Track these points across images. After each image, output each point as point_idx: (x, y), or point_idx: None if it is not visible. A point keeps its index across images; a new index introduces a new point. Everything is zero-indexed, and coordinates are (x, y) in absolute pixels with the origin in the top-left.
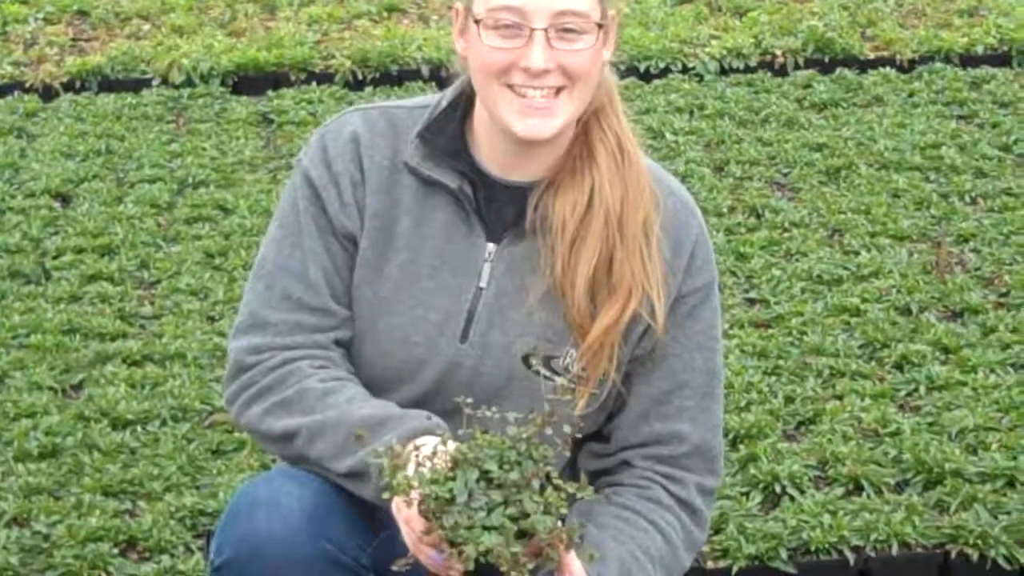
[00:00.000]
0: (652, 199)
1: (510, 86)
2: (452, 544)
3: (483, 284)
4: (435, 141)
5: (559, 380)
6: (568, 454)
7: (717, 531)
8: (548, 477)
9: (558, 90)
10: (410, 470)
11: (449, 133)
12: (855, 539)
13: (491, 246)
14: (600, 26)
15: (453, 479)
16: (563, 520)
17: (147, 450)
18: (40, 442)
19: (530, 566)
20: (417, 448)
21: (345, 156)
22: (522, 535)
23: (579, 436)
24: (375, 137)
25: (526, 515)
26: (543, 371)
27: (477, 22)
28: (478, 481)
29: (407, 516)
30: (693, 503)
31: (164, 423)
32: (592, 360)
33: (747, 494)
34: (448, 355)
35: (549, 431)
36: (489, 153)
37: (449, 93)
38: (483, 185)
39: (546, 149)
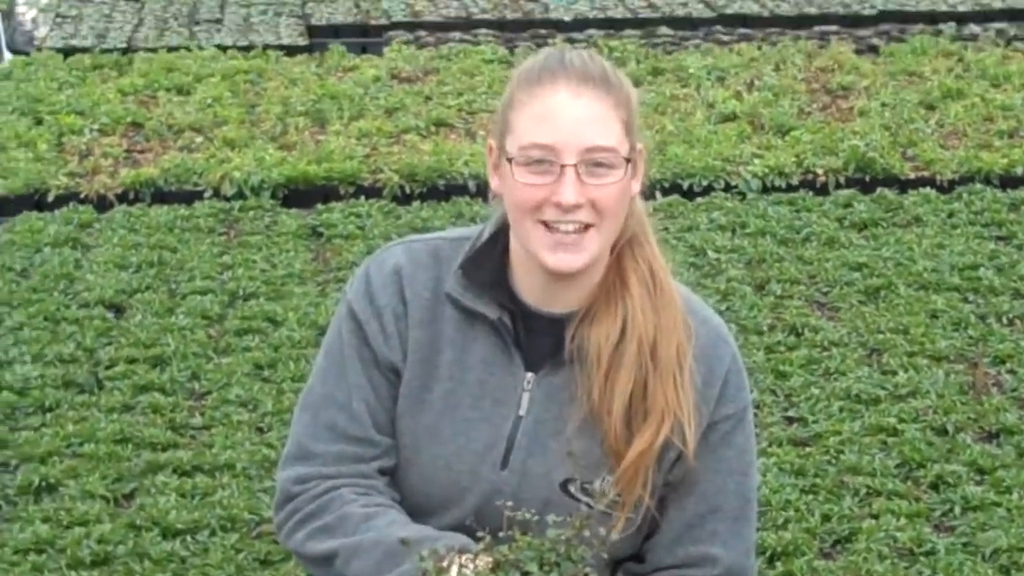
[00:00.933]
0: (685, 328)
1: (543, 222)
2: None
3: (522, 413)
4: (476, 273)
5: (597, 506)
6: (605, 556)
7: None
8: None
9: (587, 226)
10: (453, 572)
11: (490, 265)
12: None
13: (530, 375)
14: (628, 160)
15: None
16: None
17: (197, 559)
18: (93, 550)
19: None
20: (460, 554)
21: (388, 289)
22: None
23: (615, 558)
24: (417, 269)
25: None
26: (581, 497)
27: (510, 160)
28: None
29: None
30: None
31: (213, 533)
32: (627, 485)
33: None
34: (489, 482)
35: (587, 533)
36: (526, 285)
37: (490, 226)
38: (522, 316)
39: (580, 281)
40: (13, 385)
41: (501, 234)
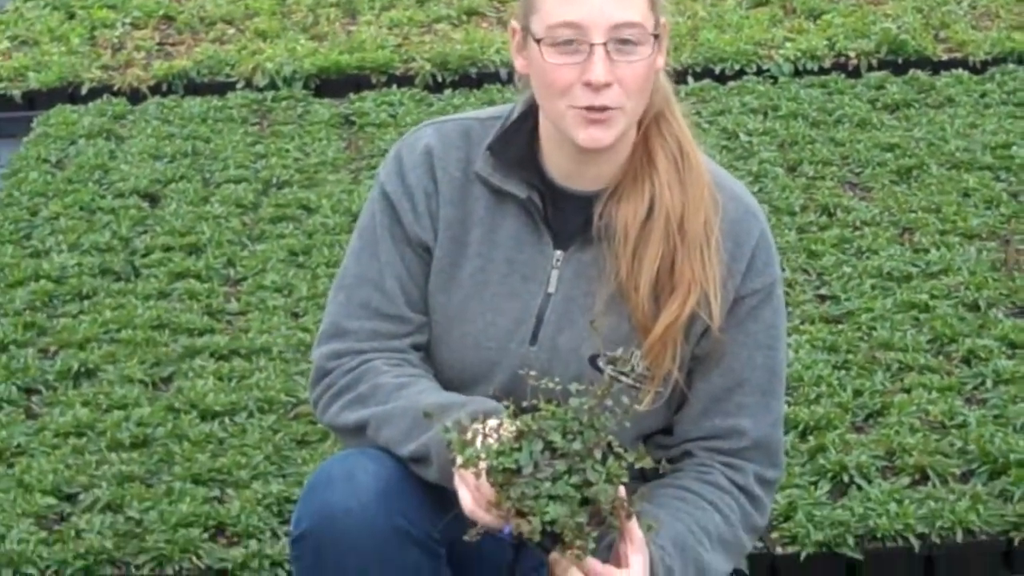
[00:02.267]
0: (713, 202)
1: (572, 106)
2: (519, 514)
3: (551, 290)
4: (505, 153)
5: (626, 379)
6: (628, 424)
7: (787, 518)
8: (610, 446)
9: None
10: (477, 443)
11: (518, 145)
12: (921, 527)
13: (559, 253)
14: (655, 36)
15: (519, 450)
16: (624, 489)
17: (235, 440)
18: (132, 432)
19: (594, 534)
20: (484, 422)
21: (419, 169)
22: (584, 503)
23: (645, 432)
24: (448, 149)
25: (589, 484)
26: (610, 371)
27: (537, 40)
28: (542, 452)
29: (477, 486)
30: (752, 490)
31: (251, 414)
32: (656, 359)
33: (816, 483)
34: (518, 358)
35: (610, 402)
36: (555, 163)
37: (519, 105)
38: (551, 194)
39: (608, 157)
40: (51, 274)
41: (530, 113)
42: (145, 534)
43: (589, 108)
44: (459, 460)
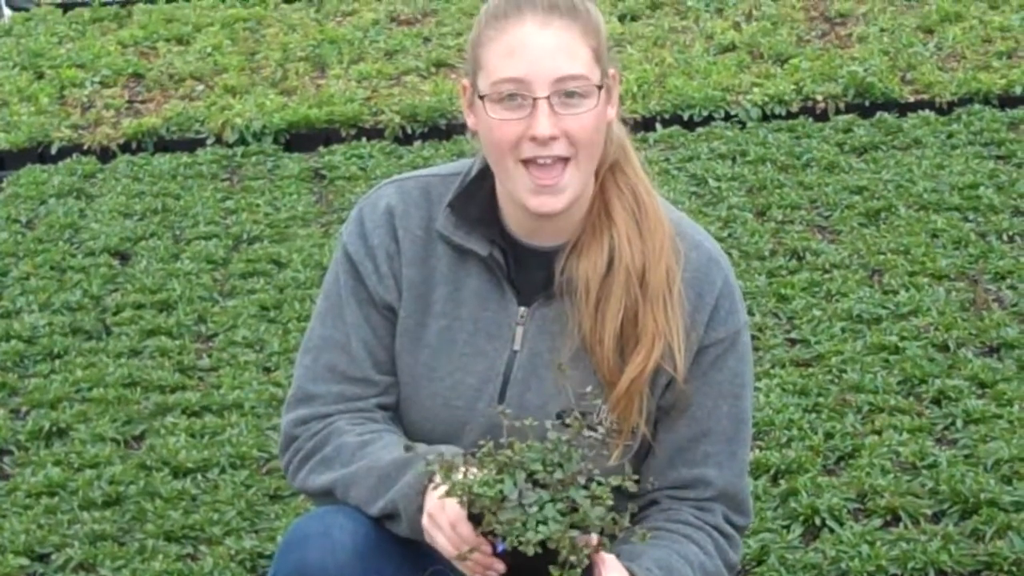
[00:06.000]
0: (674, 252)
1: (523, 162)
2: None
3: (517, 347)
4: (465, 210)
5: (594, 435)
6: (607, 452)
7: (759, 562)
8: (590, 475)
9: (565, 161)
10: (461, 473)
11: (478, 201)
12: (893, 568)
13: (523, 309)
14: (600, 87)
15: (501, 481)
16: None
17: (207, 496)
18: (104, 491)
19: (587, 551)
20: (465, 458)
21: (381, 230)
22: (573, 527)
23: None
24: (409, 208)
25: (575, 509)
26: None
27: (482, 97)
28: (525, 482)
29: (452, 524)
30: (723, 528)
31: (223, 470)
32: (623, 413)
33: (788, 527)
34: (487, 417)
35: (587, 433)
36: (514, 220)
37: (479, 160)
38: (512, 250)
39: (565, 214)
40: (22, 334)
41: (489, 169)
42: None
43: (538, 165)
44: (442, 490)
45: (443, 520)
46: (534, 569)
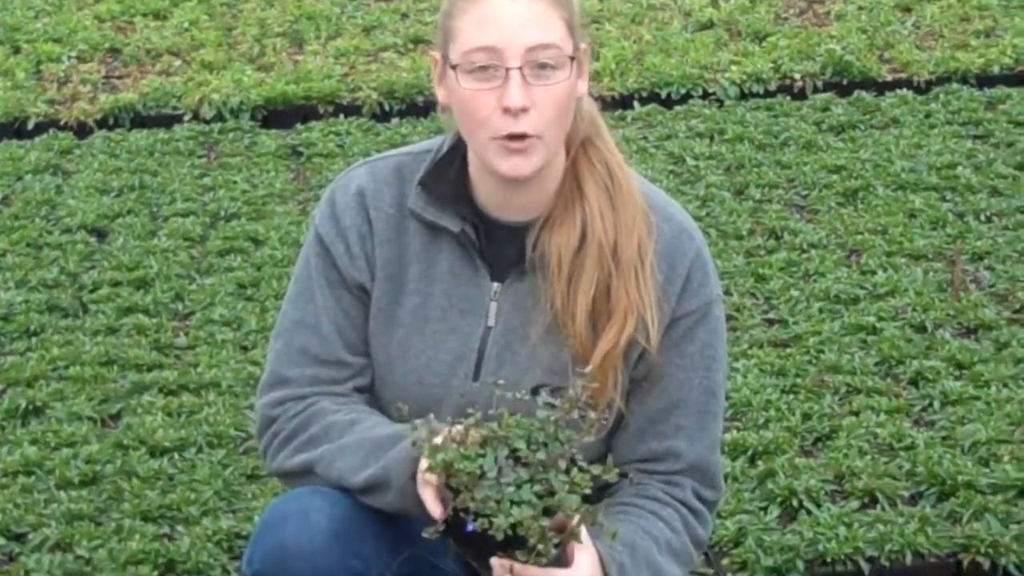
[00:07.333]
0: (646, 225)
1: (492, 138)
2: (483, 516)
3: (491, 323)
4: (437, 186)
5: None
6: (593, 438)
7: (736, 544)
8: (573, 459)
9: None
10: (444, 446)
11: (450, 177)
12: (870, 550)
13: (496, 285)
14: (572, 59)
15: (483, 455)
16: (587, 500)
17: (184, 476)
18: (81, 470)
19: (555, 540)
20: (453, 425)
21: (352, 211)
22: (547, 512)
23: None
24: (380, 187)
25: (552, 493)
26: (553, 403)
27: (454, 68)
28: (507, 459)
29: (439, 489)
30: (692, 503)
31: (200, 450)
32: (597, 388)
33: (765, 508)
34: (462, 394)
35: (576, 415)
36: (486, 194)
37: (450, 137)
38: (484, 226)
39: (536, 186)
40: None
41: (460, 145)
42: (95, 573)
43: (509, 137)
44: (424, 464)
45: (433, 483)
46: (503, 548)
